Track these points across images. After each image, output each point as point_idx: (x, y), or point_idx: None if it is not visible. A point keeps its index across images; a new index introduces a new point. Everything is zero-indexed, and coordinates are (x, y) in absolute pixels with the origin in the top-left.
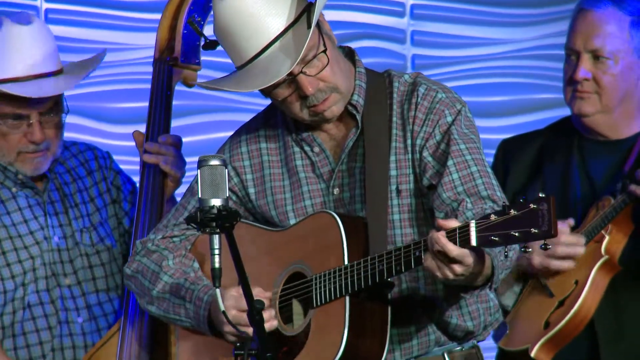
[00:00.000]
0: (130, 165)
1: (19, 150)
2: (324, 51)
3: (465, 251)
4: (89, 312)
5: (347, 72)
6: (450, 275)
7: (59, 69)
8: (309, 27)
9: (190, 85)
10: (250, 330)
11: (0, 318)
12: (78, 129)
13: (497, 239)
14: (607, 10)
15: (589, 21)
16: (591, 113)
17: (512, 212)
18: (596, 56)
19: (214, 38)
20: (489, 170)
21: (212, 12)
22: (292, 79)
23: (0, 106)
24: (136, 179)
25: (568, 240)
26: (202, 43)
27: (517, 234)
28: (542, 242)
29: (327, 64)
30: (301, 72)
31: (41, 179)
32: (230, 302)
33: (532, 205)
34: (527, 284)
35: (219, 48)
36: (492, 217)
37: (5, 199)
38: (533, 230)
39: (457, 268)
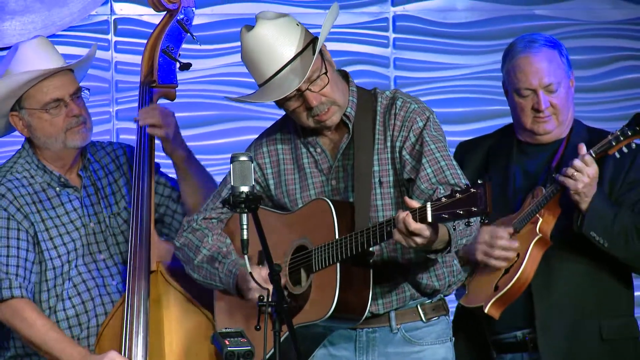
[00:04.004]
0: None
1: (65, 128)
2: (325, 73)
3: (423, 226)
4: (121, 276)
5: (343, 90)
6: (413, 244)
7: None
8: (314, 54)
9: (171, 100)
10: (269, 288)
11: (54, 289)
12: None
13: (446, 216)
14: (541, 51)
15: (535, 64)
16: (552, 130)
17: (458, 195)
18: (549, 90)
19: (186, 61)
20: (454, 162)
21: (184, 40)
22: (300, 94)
23: (42, 98)
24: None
25: (504, 245)
26: (178, 66)
27: (461, 212)
28: (487, 237)
29: (328, 83)
30: (307, 89)
31: (78, 179)
32: (256, 270)
33: (472, 190)
34: (475, 265)
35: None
36: (443, 199)
37: (51, 196)
38: (473, 208)
39: (417, 239)
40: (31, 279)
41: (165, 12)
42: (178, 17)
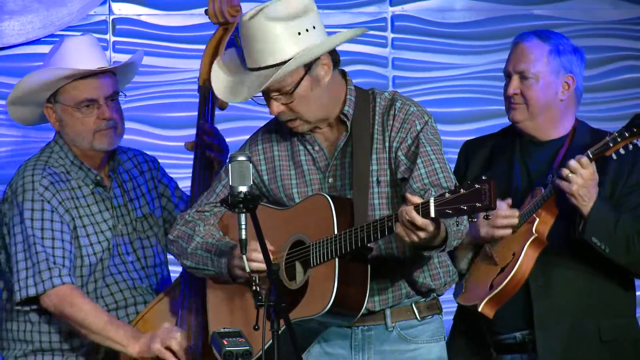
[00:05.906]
0: (174, 160)
1: (94, 130)
2: (293, 91)
3: (427, 221)
4: (149, 279)
5: (329, 102)
6: (416, 239)
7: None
8: (305, 67)
9: (222, 109)
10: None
11: (86, 286)
12: (139, 133)
13: (450, 211)
14: (531, 42)
15: (519, 50)
16: (521, 120)
17: (462, 191)
18: (523, 76)
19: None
20: (448, 166)
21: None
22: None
23: (77, 96)
24: (184, 171)
25: (505, 213)
26: None
27: (465, 207)
28: (484, 214)
29: (294, 100)
30: (273, 97)
31: (109, 179)
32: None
33: (477, 186)
34: (477, 252)
35: None
36: (447, 195)
37: (85, 194)
38: (477, 204)
39: (421, 234)
40: (74, 270)
41: (218, 26)
42: (235, 32)
